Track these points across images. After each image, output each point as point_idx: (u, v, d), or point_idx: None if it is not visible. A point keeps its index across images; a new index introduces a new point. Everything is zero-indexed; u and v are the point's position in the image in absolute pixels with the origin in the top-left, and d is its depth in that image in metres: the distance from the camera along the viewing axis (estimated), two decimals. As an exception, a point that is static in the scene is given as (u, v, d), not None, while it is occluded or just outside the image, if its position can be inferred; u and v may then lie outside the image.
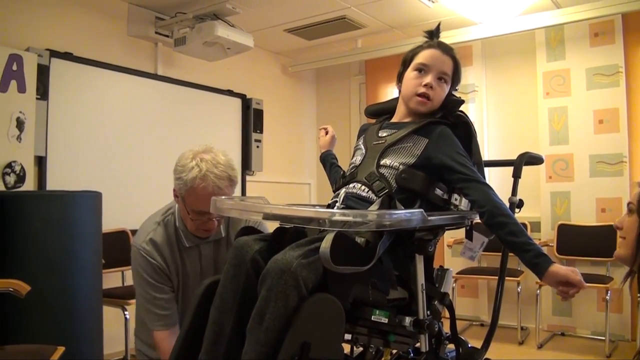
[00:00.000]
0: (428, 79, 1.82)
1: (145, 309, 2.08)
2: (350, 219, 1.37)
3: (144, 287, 2.08)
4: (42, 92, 3.88)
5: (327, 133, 2.43)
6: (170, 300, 2.09)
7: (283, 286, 1.36)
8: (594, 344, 4.45)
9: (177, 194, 2.05)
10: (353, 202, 1.72)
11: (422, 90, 1.82)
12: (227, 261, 1.59)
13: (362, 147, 1.88)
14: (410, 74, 1.87)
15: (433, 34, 1.93)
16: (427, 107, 1.83)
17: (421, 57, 1.85)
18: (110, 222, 3.96)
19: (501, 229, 1.66)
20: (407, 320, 1.58)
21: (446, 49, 1.87)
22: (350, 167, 1.86)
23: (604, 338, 4.24)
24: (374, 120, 2.04)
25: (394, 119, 1.93)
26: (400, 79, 1.92)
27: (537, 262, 1.61)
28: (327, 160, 2.32)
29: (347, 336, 1.69)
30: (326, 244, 1.37)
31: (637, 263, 1.58)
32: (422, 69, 1.84)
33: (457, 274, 4.81)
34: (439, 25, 1.96)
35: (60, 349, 2.36)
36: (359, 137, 1.98)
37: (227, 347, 1.53)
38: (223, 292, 1.57)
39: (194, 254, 2.16)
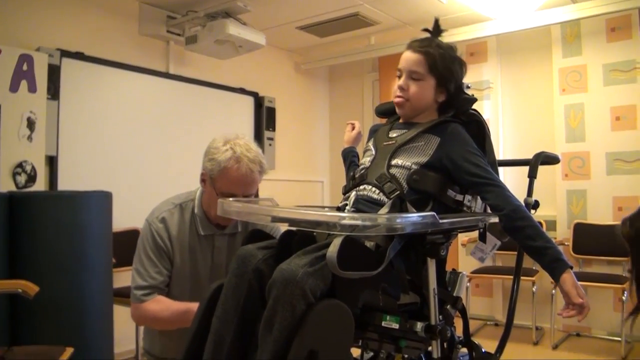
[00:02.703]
0: (400, 81, 1.80)
1: (135, 282, 2.06)
2: (359, 222, 1.34)
3: (141, 260, 2.08)
4: (53, 92, 3.88)
5: (353, 128, 2.36)
6: (161, 285, 2.07)
7: (289, 296, 1.33)
8: (609, 345, 4.38)
9: (206, 177, 2.04)
10: (363, 204, 1.69)
11: (396, 93, 1.81)
12: (230, 270, 1.56)
13: (372, 148, 1.84)
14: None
15: (431, 32, 1.87)
16: (406, 108, 1.81)
17: (400, 60, 1.82)
18: (122, 221, 3.95)
19: (519, 233, 1.64)
20: (419, 325, 1.55)
21: (419, 47, 1.79)
22: (360, 168, 1.82)
23: (620, 339, 4.18)
24: (384, 121, 2.01)
25: (404, 119, 1.88)
26: None
27: (553, 267, 1.60)
28: (348, 158, 2.27)
29: (358, 341, 1.66)
30: (334, 248, 1.34)
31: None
32: (398, 74, 1.82)
33: (472, 273, 4.76)
34: (436, 21, 1.88)
35: (69, 350, 2.35)
36: (369, 139, 1.94)
37: (227, 357, 1.51)
38: (225, 302, 1.54)
39: (207, 245, 2.14)
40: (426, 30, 1.88)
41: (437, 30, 1.86)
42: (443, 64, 1.77)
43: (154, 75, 4.68)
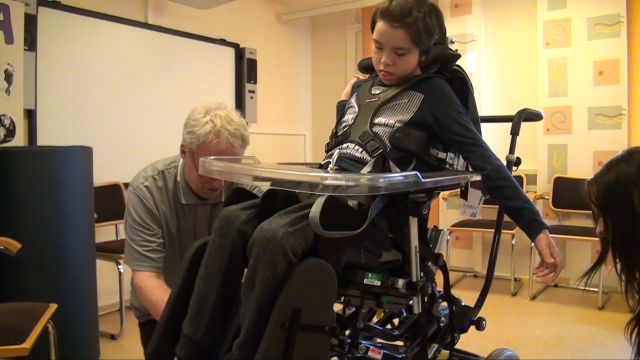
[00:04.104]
0: (383, 57, 1.72)
1: (133, 250, 2.02)
2: (342, 183, 1.34)
3: (134, 227, 2.03)
4: (30, 42, 3.77)
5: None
6: (159, 247, 2.04)
7: (270, 255, 1.34)
8: (587, 296, 4.49)
9: (186, 149, 1.99)
10: (346, 163, 1.69)
11: (381, 67, 1.75)
12: (213, 230, 1.56)
13: (355, 104, 1.82)
14: (372, 45, 1.76)
15: None
16: (393, 80, 1.77)
17: (375, 32, 1.72)
18: (103, 174, 3.94)
19: (498, 193, 1.69)
20: (400, 282, 1.58)
21: (395, 19, 1.64)
22: (343, 125, 1.81)
23: (597, 290, 4.28)
24: (367, 76, 1.98)
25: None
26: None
27: (530, 228, 1.68)
28: (340, 111, 2.22)
29: (340, 298, 1.68)
30: (316, 208, 1.35)
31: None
32: (378, 47, 1.73)
33: (452, 226, 4.82)
34: None
35: (53, 306, 2.36)
36: (351, 95, 1.93)
37: (210, 316, 1.54)
38: (208, 262, 1.55)
39: (190, 214, 2.11)
40: None
41: None
42: (426, 32, 1.68)
43: (133, 25, 4.56)
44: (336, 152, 1.73)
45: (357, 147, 1.69)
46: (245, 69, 5.52)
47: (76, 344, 2.80)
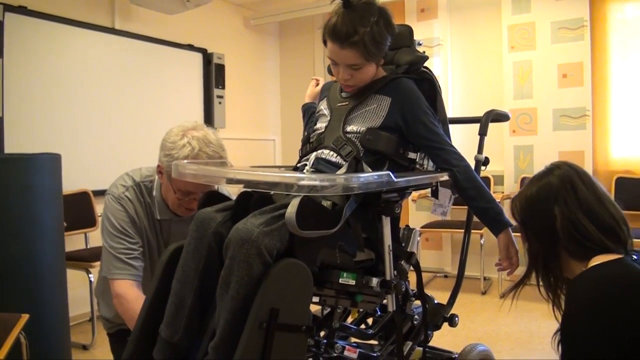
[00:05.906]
0: (340, 73, 1.73)
1: (114, 257, 1.97)
2: (317, 183, 1.36)
3: (115, 235, 1.99)
4: (-4, 48, 3.72)
5: (317, 84, 2.27)
6: (140, 255, 2.01)
7: (245, 255, 1.35)
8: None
9: (163, 171, 1.96)
10: (323, 165, 1.70)
11: (341, 82, 1.78)
12: (189, 233, 1.57)
13: (326, 111, 1.84)
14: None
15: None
16: (355, 89, 1.79)
17: (327, 50, 1.71)
18: (72, 183, 3.88)
19: (463, 193, 1.77)
20: (374, 281, 1.60)
21: (342, 39, 1.63)
22: (316, 133, 1.82)
23: (564, 287, 4.35)
24: (327, 79, 2.00)
25: None
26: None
27: (493, 226, 1.80)
28: (307, 113, 2.19)
29: (315, 298, 1.70)
30: (292, 209, 1.36)
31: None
32: (333, 63, 1.74)
33: (422, 227, 4.86)
34: None
35: (25, 317, 2.32)
36: (321, 98, 1.94)
37: (188, 319, 1.53)
38: (184, 265, 1.55)
39: (164, 229, 2.10)
40: None
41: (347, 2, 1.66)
42: (376, 45, 1.66)
43: (100, 30, 4.52)
44: (313, 155, 1.75)
45: (332, 152, 1.71)
46: (214, 74, 5.50)
47: (48, 355, 2.75)
